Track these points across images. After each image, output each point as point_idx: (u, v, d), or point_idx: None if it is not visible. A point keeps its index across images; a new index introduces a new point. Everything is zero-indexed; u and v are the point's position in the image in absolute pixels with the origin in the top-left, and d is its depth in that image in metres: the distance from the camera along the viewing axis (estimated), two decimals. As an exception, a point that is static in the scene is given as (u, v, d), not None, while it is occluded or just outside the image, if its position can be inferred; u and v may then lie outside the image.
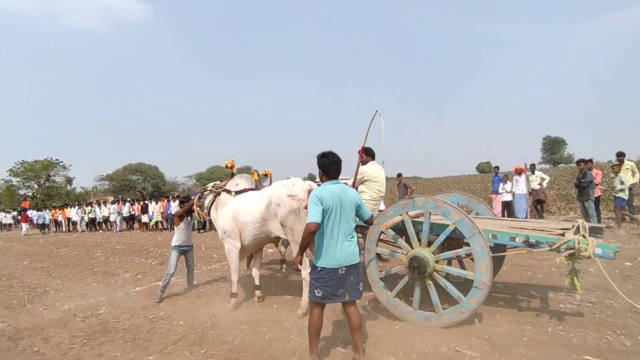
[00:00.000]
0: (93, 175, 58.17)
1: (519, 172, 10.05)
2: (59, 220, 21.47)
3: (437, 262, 3.57)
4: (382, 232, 3.88)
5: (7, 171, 39.06)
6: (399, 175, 11.66)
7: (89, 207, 19.58)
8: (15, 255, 11.82)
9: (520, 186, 9.88)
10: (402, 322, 3.73)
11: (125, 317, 4.69)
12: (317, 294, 2.89)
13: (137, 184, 49.95)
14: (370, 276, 3.96)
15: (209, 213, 4.99)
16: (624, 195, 8.20)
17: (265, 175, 6.19)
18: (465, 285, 3.62)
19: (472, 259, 3.46)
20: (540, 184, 10.18)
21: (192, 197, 5.45)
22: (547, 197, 11.22)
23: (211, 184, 5.21)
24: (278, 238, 4.82)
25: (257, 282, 4.89)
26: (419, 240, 3.68)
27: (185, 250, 5.33)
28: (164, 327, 4.22)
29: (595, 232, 3.80)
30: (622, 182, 8.17)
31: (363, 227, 4.56)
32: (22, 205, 28.14)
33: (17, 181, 39.68)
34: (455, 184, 23.45)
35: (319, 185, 3.12)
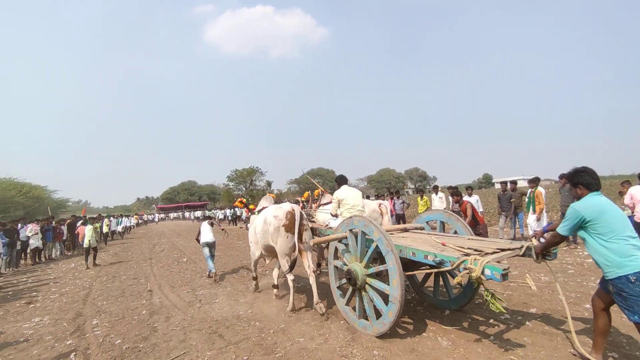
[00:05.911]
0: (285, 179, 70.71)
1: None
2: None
3: (368, 275, 3.92)
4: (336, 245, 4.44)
5: (226, 177, 50.86)
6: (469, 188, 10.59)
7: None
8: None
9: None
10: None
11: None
12: None
13: (316, 187, 58.28)
14: (331, 285, 4.55)
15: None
16: None
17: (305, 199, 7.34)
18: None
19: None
20: None
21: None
22: None
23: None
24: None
25: (275, 282, 5.91)
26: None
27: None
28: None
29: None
30: None
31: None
32: (233, 204, 36.27)
33: (232, 185, 51.03)
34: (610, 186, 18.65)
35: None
